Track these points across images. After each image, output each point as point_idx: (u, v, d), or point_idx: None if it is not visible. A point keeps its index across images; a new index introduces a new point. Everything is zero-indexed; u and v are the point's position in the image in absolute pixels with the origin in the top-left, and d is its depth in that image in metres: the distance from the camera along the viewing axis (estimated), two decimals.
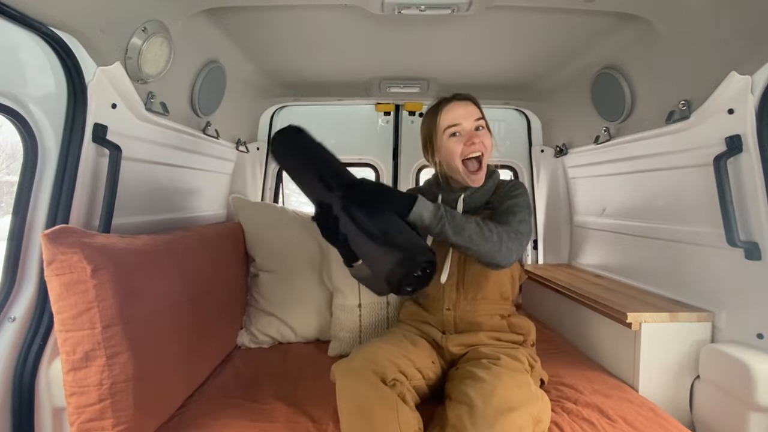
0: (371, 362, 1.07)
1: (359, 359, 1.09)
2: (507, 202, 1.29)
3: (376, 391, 1.01)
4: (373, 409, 0.98)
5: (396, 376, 1.07)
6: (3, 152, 4.29)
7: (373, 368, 1.05)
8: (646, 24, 1.43)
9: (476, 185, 1.32)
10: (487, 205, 1.37)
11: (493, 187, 1.38)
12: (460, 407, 0.99)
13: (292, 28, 1.63)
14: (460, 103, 1.34)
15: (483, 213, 1.35)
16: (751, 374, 1.15)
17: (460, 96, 1.36)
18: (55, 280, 0.97)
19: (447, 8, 1.36)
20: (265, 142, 2.54)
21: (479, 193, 1.35)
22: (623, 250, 1.87)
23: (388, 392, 1.01)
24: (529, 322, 1.37)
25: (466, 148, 1.29)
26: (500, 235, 1.15)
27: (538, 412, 1.03)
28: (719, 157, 1.25)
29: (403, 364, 1.12)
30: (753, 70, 1.17)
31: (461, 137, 1.30)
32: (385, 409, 0.98)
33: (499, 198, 1.33)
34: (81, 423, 0.99)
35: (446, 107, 1.34)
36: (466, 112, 1.32)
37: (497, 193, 1.36)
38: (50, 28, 1.02)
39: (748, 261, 1.23)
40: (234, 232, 1.81)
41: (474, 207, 1.36)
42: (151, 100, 1.37)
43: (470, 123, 1.31)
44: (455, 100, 1.35)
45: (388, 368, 1.06)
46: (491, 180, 1.37)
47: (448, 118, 1.32)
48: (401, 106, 2.58)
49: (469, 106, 1.34)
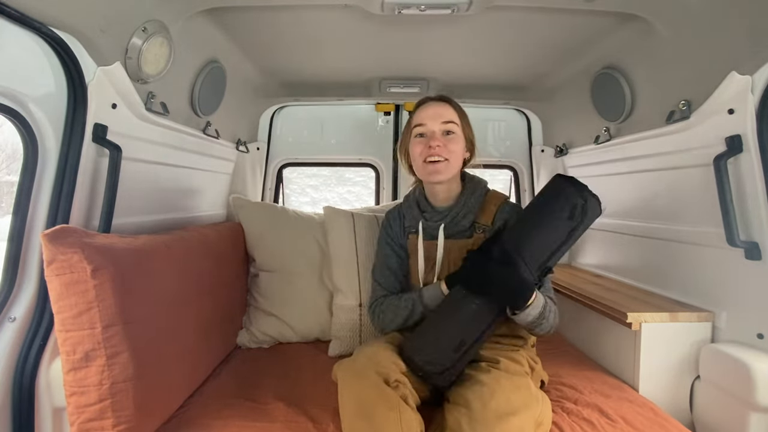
0: (374, 363, 1.06)
1: (362, 359, 1.08)
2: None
3: (378, 392, 1.00)
4: (376, 410, 0.97)
5: (398, 377, 1.06)
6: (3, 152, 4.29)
7: (376, 369, 1.04)
8: (646, 24, 1.43)
9: (433, 180, 1.28)
10: (478, 227, 1.28)
11: (478, 205, 1.29)
12: (459, 411, 0.99)
13: (292, 28, 1.63)
14: (433, 104, 1.29)
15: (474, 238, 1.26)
16: (751, 374, 1.15)
17: (436, 97, 1.32)
18: (55, 280, 0.97)
19: (447, 8, 1.36)
20: (265, 143, 2.54)
21: (463, 216, 1.29)
22: (623, 250, 1.87)
23: (390, 393, 1.00)
24: None
25: (425, 150, 1.25)
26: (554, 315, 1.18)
27: (539, 414, 1.03)
28: (719, 157, 1.25)
29: (405, 366, 1.11)
30: (753, 70, 1.17)
31: (425, 139, 1.27)
32: (387, 410, 0.97)
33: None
34: (81, 423, 0.99)
35: (420, 107, 1.31)
36: (435, 113, 1.26)
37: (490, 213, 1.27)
38: (50, 28, 1.02)
39: (748, 261, 1.23)
40: (234, 232, 1.80)
41: (460, 230, 1.29)
42: (151, 100, 1.37)
43: (437, 125, 1.26)
44: (430, 100, 1.31)
45: (390, 369, 1.05)
46: (473, 197, 1.29)
47: (416, 117, 1.30)
48: (401, 106, 2.58)
49: (442, 107, 1.28)
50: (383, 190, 2.63)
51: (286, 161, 2.64)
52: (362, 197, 3.81)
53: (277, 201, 2.69)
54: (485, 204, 1.30)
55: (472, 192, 1.31)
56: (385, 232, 1.46)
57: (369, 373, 1.03)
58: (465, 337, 1.09)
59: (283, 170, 2.69)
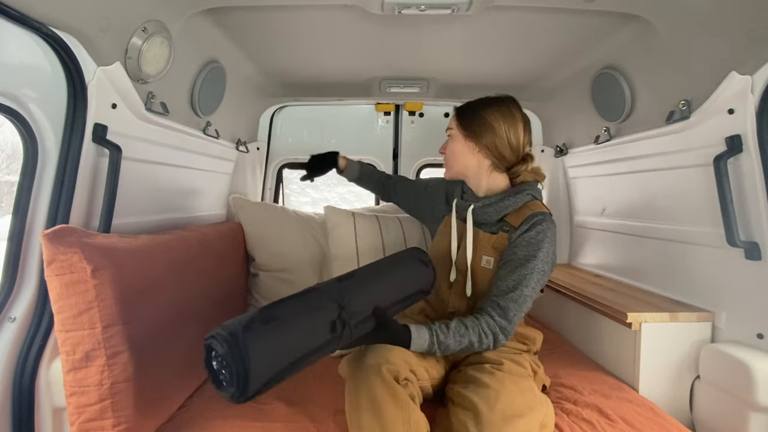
0: (384, 359, 1.04)
1: (373, 355, 1.07)
2: (524, 252, 1.21)
3: (388, 390, 0.99)
4: (386, 408, 0.96)
5: (408, 375, 1.05)
6: (3, 152, 4.29)
7: (387, 366, 1.03)
8: (646, 24, 1.43)
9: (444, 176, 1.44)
10: (505, 226, 1.29)
11: (513, 206, 1.29)
12: (465, 414, 0.98)
13: (292, 28, 1.63)
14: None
15: (498, 235, 1.28)
16: (751, 374, 1.15)
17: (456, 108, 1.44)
18: (55, 280, 0.97)
19: (447, 8, 1.36)
20: (265, 143, 2.54)
21: (493, 209, 1.29)
22: (623, 250, 1.87)
23: (400, 391, 1.00)
24: (535, 333, 1.34)
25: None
26: (488, 346, 1.16)
27: (543, 417, 1.03)
28: (719, 157, 1.25)
29: (414, 363, 1.11)
30: (753, 70, 1.17)
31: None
32: (396, 408, 0.97)
33: (521, 238, 1.23)
34: (81, 423, 0.99)
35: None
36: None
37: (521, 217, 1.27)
38: (50, 28, 1.02)
39: (748, 261, 1.23)
40: (234, 232, 1.80)
41: (485, 221, 1.31)
42: (151, 100, 1.37)
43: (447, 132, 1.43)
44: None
45: (401, 366, 1.04)
46: (512, 198, 1.29)
47: None
48: (401, 106, 2.58)
49: (451, 119, 1.43)
50: None
51: (286, 161, 2.64)
52: (362, 197, 3.81)
53: (277, 201, 2.69)
54: (523, 208, 1.29)
55: (514, 193, 1.30)
56: (431, 180, 1.63)
57: (380, 370, 1.02)
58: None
59: (283, 170, 2.69)
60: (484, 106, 1.35)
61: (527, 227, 1.24)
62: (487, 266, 1.27)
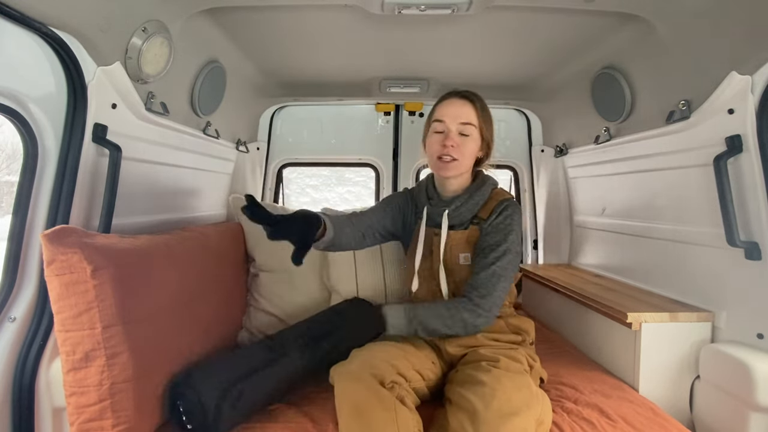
0: (369, 365, 1.07)
1: (357, 362, 1.09)
2: (495, 238, 1.25)
3: (374, 394, 1.00)
4: (372, 411, 0.98)
5: (394, 378, 1.07)
6: (3, 152, 4.29)
7: (371, 371, 1.05)
8: (646, 24, 1.43)
9: (443, 175, 1.32)
10: (475, 219, 1.32)
11: (482, 201, 1.32)
12: (462, 413, 0.99)
13: (292, 28, 1.63)
14: (457, 101, 1.30)
15: (470, 230, 1.31)
16: (751, 374, 1.15)
17: (461, 93, 1.31)
18: (55, 280, 0.97)
19: (447, 8, 1.36)
20: (265, 143, 2.54)
21: (465, 208, 1.32)
22: (623, 250, 1.87)
23: (386, 394, 1.01)
24: (528, 322, 1.36)
25: (440, 148, 1.28)
26: (465, 321, 1.21)
27: (540, 413, 1.03)
28: (719, 157, 1.25)
29: (402, 366, 1.12)
30: (753, 70, 1.17)
31: (442, 136, 1.29)
32: (383, 410, 0.98)
33: (491, 226, 1.28)
34: (81, 423, 0.99)
35: (444, 101, 1.33)
36: (456, 112, 1.28)
37: (489, 209, 1.30)
38: (50, 28, 1.02)
39: (748, 261, 1.23)
40: (234, 232, 1.80)
41: (460, 222, 1.33)
42: (151, 100, 1.37)
43: (455, 125, 1.28)
44: (455, 96, 1.31)
45: (386, 371, 1.06)
46: (479, 192, 1.32)
47: (437, 112, 1.32)
48: (401, 106, 2.58)
49: (464, 106, 1.29)
50: (383, 190, 2.63)
51: (286, 161, 2.64)
52: (362, 197, 3.81)
53: (277, 201, 2.69)
54: (489, 200, 1.33)
55: (478, 187, 1.34)
56: (389, 198, 1.52)
57: (364, 376, 1.03)
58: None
59: (283, 170, 2.69)
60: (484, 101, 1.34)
61: (496, 215, 1.28)
62: (465, 263, 1.30)
